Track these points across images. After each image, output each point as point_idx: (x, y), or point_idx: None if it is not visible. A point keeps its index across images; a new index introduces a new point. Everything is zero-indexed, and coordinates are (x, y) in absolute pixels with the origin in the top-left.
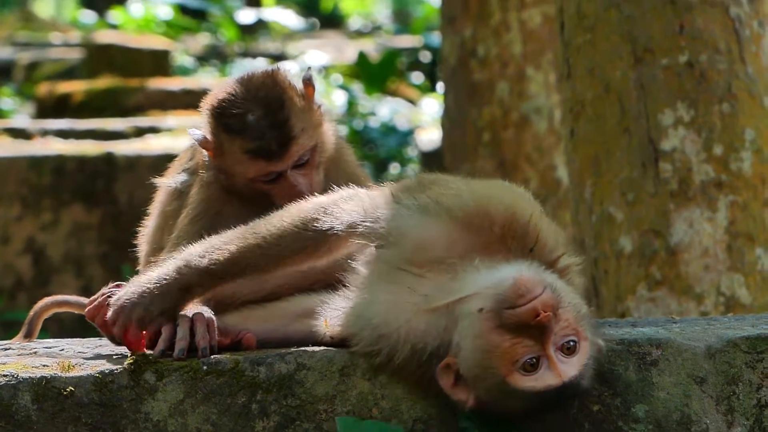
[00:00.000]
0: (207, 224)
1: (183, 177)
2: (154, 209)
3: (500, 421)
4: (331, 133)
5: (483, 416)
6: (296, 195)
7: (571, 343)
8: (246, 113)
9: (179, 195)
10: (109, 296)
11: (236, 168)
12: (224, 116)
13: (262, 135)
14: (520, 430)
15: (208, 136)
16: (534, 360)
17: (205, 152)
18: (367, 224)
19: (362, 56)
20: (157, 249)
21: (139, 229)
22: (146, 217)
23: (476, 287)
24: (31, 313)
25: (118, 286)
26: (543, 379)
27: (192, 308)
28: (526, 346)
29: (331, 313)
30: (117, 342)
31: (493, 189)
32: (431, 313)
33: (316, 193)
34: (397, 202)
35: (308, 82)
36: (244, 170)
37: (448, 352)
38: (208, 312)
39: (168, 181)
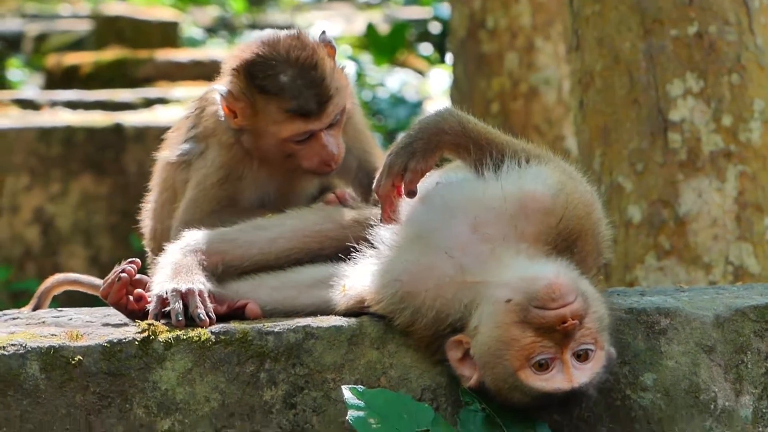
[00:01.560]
0: (230, 189)
1: (188, 146)
2: (157, 184)
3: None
4: (351, 93)
5: (483, 393)
6: (325, 155)
7: (589, 351)
8: (281, 73)
9: (186, 166)
10: (122, 273)
11: (270, 128)
12: (258, 77)
13: (300, 94)
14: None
15: (237, 96)
16: (548, 360)
17: (221, 115)
18: None
19: (371, 28)
20: (166, 224)
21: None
22: (148, 192)
23: (511, 276)
24: (41, 287)
25: (131, 263)
26: (553, 381)
27: (185, 281)
28: (545, 347)
29: (351, 279)
30: (134, 318)
31: (568, 182)
32: (462, 285)
33: (342, 155)
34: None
35: (329, 43)
36: (278, 130)
37: (465, 328)
38: (199, 284)
39: (171, 153)
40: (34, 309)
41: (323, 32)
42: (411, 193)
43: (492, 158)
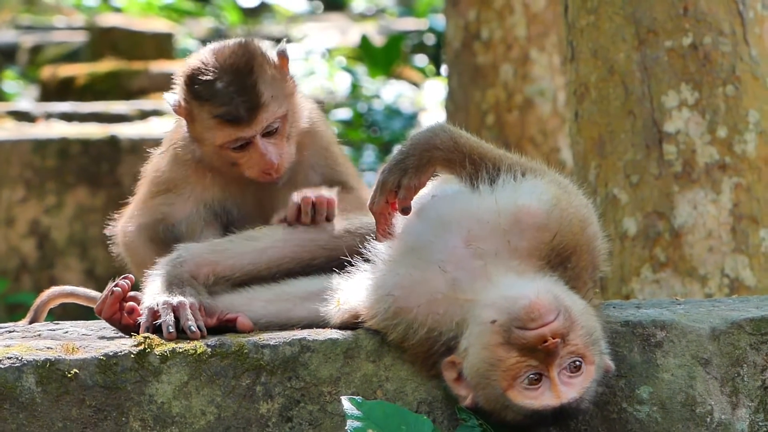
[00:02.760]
0: (166, 201)
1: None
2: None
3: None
4: (306, 106)
5: (479, 412)
6: (265, 164)
7: (577, 363)
8: (215, 80)
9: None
10: (115, 287)
11: (205, 135)
12: (194, 83)
13: (229, 100)
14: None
15: (182, 103)
16: (537, 377)
17: (183, 125)
18: None
19: (365, 40)
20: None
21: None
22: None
23: (496, 295)
24: (38, 300)
25: (125, 278)
26: (542, 399)
27: (176, 293)
28: (530, 365)
29: (345, 292)
30: (128, 332)
31: (563, 197)
32: (453, 301)
33: (285, 164)
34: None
35: (282, 54)
36: (212, 137)
37: (457, 347)
38: (190, 296)
39: (152, 169)
40: (31, 322)
41: (285, 40)
42: (405, 210)
43: (487, 172)
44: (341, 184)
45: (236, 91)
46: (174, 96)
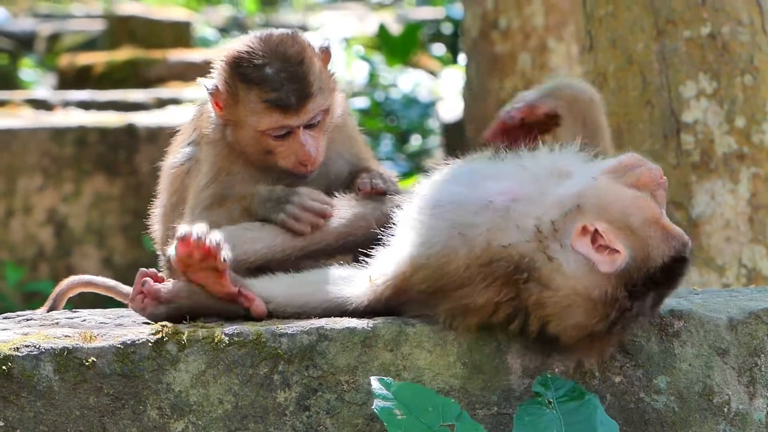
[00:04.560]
0: (222, 185)
1: (188, 149)
2: (164, 189)
3: (572, 387)
4: (341, 102)
5: (557, 382)
6: (303, 156)
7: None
8: (265, 65)
9: (188, 171)
10: (143, 284)
11: (249, 119)
12: (242, 66)
13: (280, 86)
14: (587, 396)
15: (221, 87)
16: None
17: (210, 111)
18: None
19: (383, 29)
20: (173, 228)
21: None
22: (155, 198)
23: (584, 170)
24: (57, 289)
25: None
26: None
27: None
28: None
29: (375, 267)
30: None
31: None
32: (516, 218)
33: (320, 159)
34: None
35: (325, 49)
36: (256, 122)
37: (533, 266)
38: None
39: (174, 159)
40: (49, 311)
41: (325, 40)
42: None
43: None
44: (365, 169)
45: (288, 78)
46: (211, 81)
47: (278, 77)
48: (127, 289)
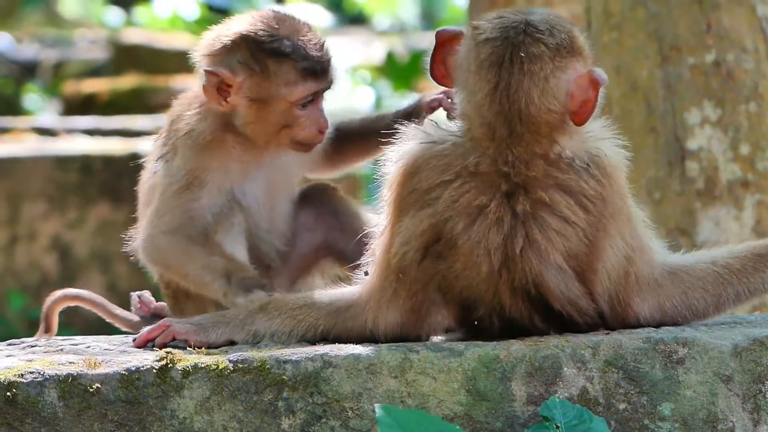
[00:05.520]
0: (190, 197)
1: (159, 164)
2: (141, 204)
3: (580, 412)
4: None
5: (565, 406)
6: (322, 122)
7: None
8: (285, 38)
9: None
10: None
11: (281, 91)
12: (266, 42)
13: (309, 55)
14: (595, 420)
15: (237, 71)
16: None
17: (192, 113)
18: None
19: (390, 56)
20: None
21: None
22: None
23: None
24: (44, 308)
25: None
26: None
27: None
28: None
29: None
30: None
31: None
32: None
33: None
34: None
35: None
36: (290, 92)
37: None
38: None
39: (147, 176)
40: (46, 331)
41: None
42: None
43: None
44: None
45: (311, 45)
46: (218, 67)
47: (304, 46)
48: (117, 309)
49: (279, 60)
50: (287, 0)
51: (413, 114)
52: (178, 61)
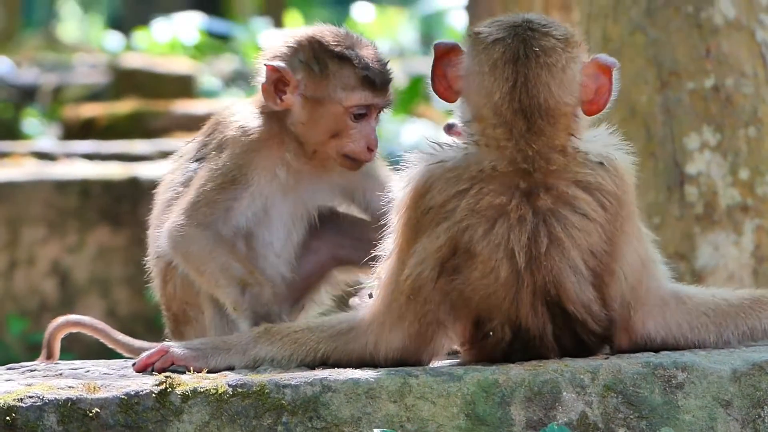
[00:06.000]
0: (230, 196)
1: (194, 166)
2: (162, 202)
3: None
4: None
5: None
6: (372, 140)
7: None
8: (352, 45)
9: (186, 184)
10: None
11: (337, 94)
12: (332, 44)
13: (371, 65)
14: None
15: (294, 69)
16: None
17: (245, 112)
18: None
19: None
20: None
21: None
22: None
23: None
24: (47, 334)
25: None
26: None
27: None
28: None
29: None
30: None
31: None
32: None
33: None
34: None
35: None
36: (345, 97)
37: None
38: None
39: (178, 175)
40: (48, 357)
41: None
42: None
43: None
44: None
45: (375, 59)
46: (278, 63)
47: (368, 56)
48: (119, 335)
49: (341, 63)
50: (286, 23)
51: None
52: (178, 86)
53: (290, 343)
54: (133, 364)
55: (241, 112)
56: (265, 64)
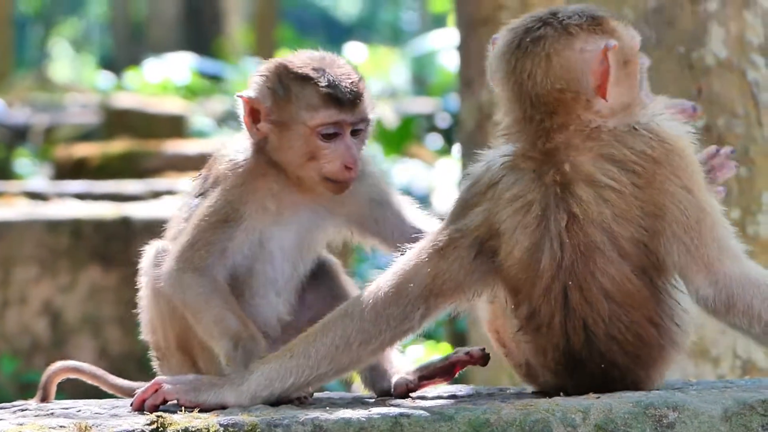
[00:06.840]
0: (226, 233)
1: (196, 201)
2: (171, 237)
3: None
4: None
5: None
6: (349, 158)
7: None
8: (320, 65)
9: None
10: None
11: (302, 115)
12: (295, 67)
13: (336, 82)
14: None
15: (265, 93)
16: None
17: (232, 147)
18: None
19: (379, 123)
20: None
21: None
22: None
23: None
24: (44, 377)
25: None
26: None
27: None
28: None
29: None
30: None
31: None
32: None
33: (359, 168)
34: None
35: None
36: (310, 117)
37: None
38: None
39: (183, 211)
40: (42, 400)
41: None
42: None
43: None
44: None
45: (342, 76)
46: (248, 93)
47: (333, 74)
48: (117, 379)
49: (302, 84)
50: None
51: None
52: (170, 126)
53: (287, 361)
54: (131, 404)
55: (233, 146)
56: (238, 96)
